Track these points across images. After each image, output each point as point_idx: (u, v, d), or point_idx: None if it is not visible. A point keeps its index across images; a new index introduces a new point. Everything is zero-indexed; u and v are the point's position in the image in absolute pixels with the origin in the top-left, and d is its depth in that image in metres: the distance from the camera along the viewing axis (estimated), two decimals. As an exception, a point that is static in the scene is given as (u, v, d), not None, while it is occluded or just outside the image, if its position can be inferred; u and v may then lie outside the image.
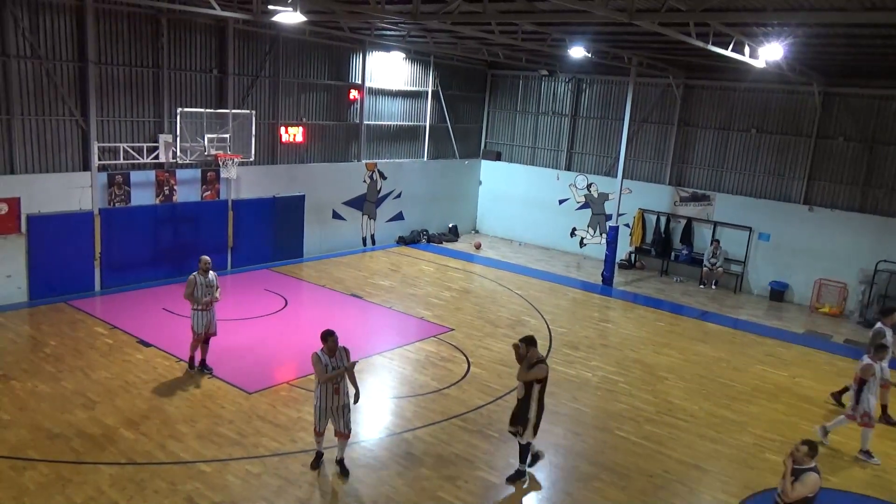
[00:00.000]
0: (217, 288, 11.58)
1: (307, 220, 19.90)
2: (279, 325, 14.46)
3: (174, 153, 15.98)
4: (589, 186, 23.42)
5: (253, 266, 18.49)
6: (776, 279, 19.82)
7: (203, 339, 11.59)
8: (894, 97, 18.05)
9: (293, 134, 19.16)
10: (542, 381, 8.89)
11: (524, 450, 9.12)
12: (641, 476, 9.54)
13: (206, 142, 15.91)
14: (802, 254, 19.37)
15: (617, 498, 8.96)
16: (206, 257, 11.69)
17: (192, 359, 11.75)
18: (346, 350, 8.82)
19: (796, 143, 19.66)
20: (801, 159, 19.61)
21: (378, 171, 21.94)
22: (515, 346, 8.96)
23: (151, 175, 16.22)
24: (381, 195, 22.25)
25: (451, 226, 24.75)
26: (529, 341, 8.95)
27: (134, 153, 15.58)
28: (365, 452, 9.57)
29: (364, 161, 21.46)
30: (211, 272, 11.59)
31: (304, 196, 19.64)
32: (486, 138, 26.03)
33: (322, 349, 8.62)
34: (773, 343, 15.87)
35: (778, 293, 19.69)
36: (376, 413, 10.83)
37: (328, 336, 8.61)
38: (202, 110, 16.27)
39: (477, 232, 26.14)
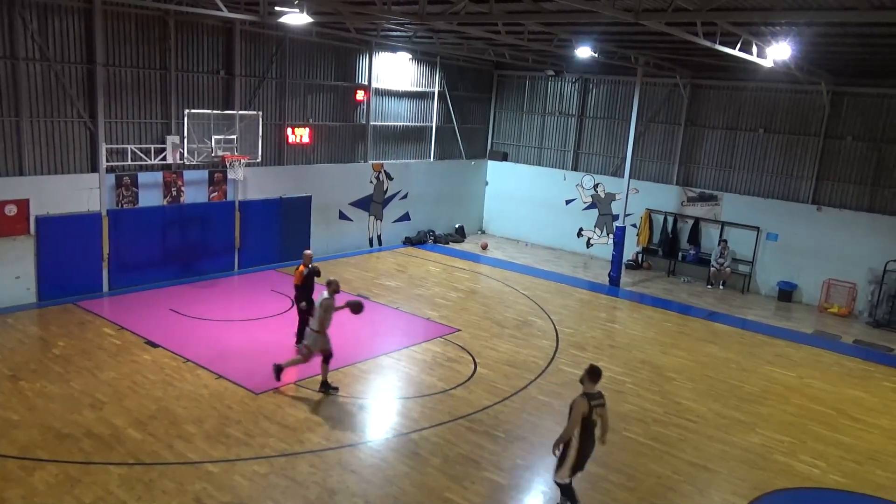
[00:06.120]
0: None
1: (314, 220, 19.90)
2: (286, 326, 14.46)
3: (181, 154, 16.02)
4: (596, 186, 23.37)
5: (260, 267, 18.51)
6: (784, 279, 19.73)
7: None
8: (903, 96, 17.99)
9: (300, 135, 19.19)
10: (583, 419, 8.02)
11: (564, 491, 8.39)
12: (650, 477, 9.51)
13: (213, 143, 15.94)
14: (811, 254, 19.27)
15: (625, 499, 8.93)
16: None
17: None
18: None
19: (804, 143, 19.57)
20: (810, 159, 19.52)
21: (384, 171, 21.95)
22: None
23: (159, 176, 16.28)
24: (387, 196, 22.26)
25: (457, 226, 24.74)
26: (592, 373, 8.13)
27: (142, 154, 15.64)
28: (371, 453, 9.58)
29: (370, 162, 21.47)
30: None
31: (310, 197, 19.67)
32: (492, 139, 26.01)
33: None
34: (782, 344, 15.80)
35: (786, 293, 19.60)
36: (383, 413, 10.85)
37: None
38: (209, 112, 16.32)
39: (483, 232, 26.12)
